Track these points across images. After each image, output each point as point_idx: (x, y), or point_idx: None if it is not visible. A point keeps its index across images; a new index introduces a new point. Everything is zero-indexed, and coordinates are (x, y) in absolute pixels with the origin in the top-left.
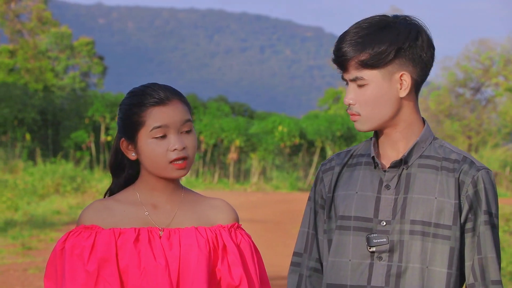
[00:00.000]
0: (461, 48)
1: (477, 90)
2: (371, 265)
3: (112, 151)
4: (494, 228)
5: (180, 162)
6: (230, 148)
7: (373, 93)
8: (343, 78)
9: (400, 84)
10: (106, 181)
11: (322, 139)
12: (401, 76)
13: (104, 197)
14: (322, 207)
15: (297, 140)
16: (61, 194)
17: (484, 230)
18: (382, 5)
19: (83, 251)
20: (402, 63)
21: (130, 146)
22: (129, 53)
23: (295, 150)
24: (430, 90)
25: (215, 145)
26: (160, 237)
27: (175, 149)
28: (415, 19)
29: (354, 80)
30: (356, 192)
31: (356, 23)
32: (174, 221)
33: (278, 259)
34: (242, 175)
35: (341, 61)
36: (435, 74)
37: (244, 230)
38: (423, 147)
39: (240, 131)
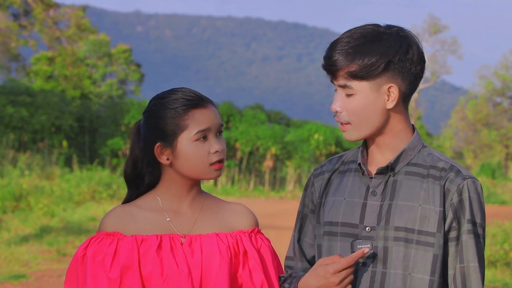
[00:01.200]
0: (499, 57)
1: None
2: (356, 271)
3: (129, 161)
4: (477, 237)
5: (217, 163)
6: (266, 155)
7: (360, 103)
8: (332, 82)
9: (388, 95)
10: None
11: (358, 146)
12: (389, 88)
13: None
14: (312, 212)
15: (333, 148)
16: (97, 201)
17: (467, 239)
18: (419, 13)
19: (105, 257)
20: (391, 75)
21: (165, 150)
22: (166, 61)
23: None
24: (468, 99)
25: (250, 153)
26: (182, 244)
27: (216, 151)
28: (407, 31)
29: (342, 87)
30: (344, 198)
31: (348, 32)
32: (195, 227)
33: None
34: (278, 183)
35: (330, 69)
36: (472, 83)
37: (263, 234)
38: (410, 155)
39: (276, 139)
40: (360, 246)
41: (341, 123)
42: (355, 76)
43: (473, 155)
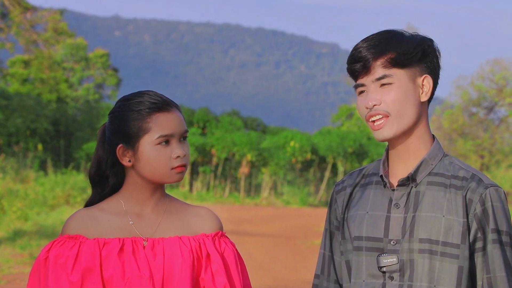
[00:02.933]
0: (475, 67)
1: (490, 109)
2: (383, 285)
3: (94, 162)
4: (503, 246)
5: (180, 167)
6: (242, 162)
7: (399, 92)
8: (356, 85)
9: (421, 88)
10: None
11: (333, 155)
12: (423, 79)
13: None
14: (337, 228)
15: (308, 156)
16: (71, 205)
17: (492, 248)
18: (398, 22)
19: (67, 260)
20: (424, 67)
21: (127, 152)
22: (144, 66)
23: (306, 165)
24: (444, 108)
25: (226, 159)
26: (144, 247)
27: (177, 157)
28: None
29: (380, 78)
30: (367, 212)
31: (369, 36)
32: (158, 231)
33: (286, 273)
34: (253, 189)
35: (363, 63)
36: (449, 93)
37: (228, 238)
38: (431, 164)
39: (252, 146)
40: (385, 260)
41: (376, 120)
42: (395, 63)
43: None
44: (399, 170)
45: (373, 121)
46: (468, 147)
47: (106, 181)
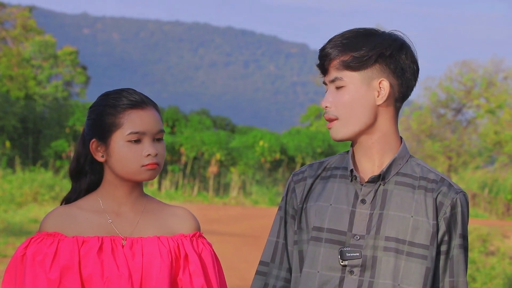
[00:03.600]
0: (444, 69)
1: (458, 111)
2: (341, 279)
3: (74, 157)
4: (466, 251)
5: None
6: (211, 161)
7: (350, 95)
8: (324, 83)
9: (378, 91)
10: None
11: (302, 155)
12: (380, 82)
13: (61, 204)
14: (293, 218)
15: (277, 156)
16: (39, 202)
17: (458, 253)
18: (367, 23)
19: (45, 258)
20: (382, 70)
21: (100, 148)
22: (113, 64)
23: (275, 165)
24: (412, 109)
25: (195, 158)
26: (123, 246)
27: (148, 155)
28: (402, 34)
29: (333, 81)
30: (331, 204)
31: (344, 31)
32: (137, 230)
33: (253, 273)
34: (222, 188)
35: (323, 62)
36: (417, 94)
37: (205, 238)
38: (400, 164)
39: (221, 145)
40: (349, 254)
41: (330, 120)
42: (347, 66)
43: None
44: (365, 167)
45: (328, 118)
46: (436, 148)
47: (85, 177)
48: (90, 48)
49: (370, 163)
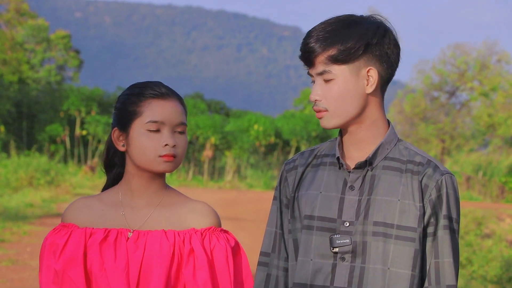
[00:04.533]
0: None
1: (452, 94)
2: (334, 266)
3: (105, 148)
4: (453, 233)
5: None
6: (205, 145)
7: (340, 88)
8: (309, 74)
9: (367, 80)
10: (80, 175)
11: (297, 138)
12: (368, 71)
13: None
14: (286, 207)
15: (272, 139)
16: (35, 187)
17: (442, 234)
18: (360, 6)
19: (56, 249)
20: (369, 58)
21: (121, 137)
22: (105, 48)
23: (270, 149)
24: (406, 92)
25: (190, 142)
26: (127, 239)
27: (166, 145)
28: (380, 18)
29: (321, 74)
30: (320, 192)
31: (323, 21)
32: (147, 223)
33: (252, 257)
34: (217, 172)
35: (308, 56)
36: (410, 78)
37: (224, 233)
38: (387, 149)
39: (216, 129)
40: (339, 241)
41: (320, 111)
42: (335, 60)
43: None
44: (353, 153)
45: (316, 111)
46: (430, 131)
47: (113, 169)
48: (82, 32)
49: (358, 150)
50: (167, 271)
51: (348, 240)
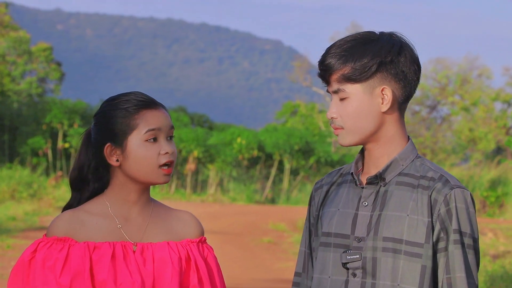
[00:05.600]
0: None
1: (433, 108)
2: (346, 282)
3: (75, 166)
4: (465, 247)
5: (166, 168)
6: (188, 158)
7: (353, 106)
8: (327, 91)
9: (382, 98)
10: (63, 188)
11: (280, 152)
12: (382, 90)
13: (62, 212)
14: (313, 226)
15: (255, 153)
16: (17, 200)
17: (453, 249)
18: (342, 20)
19: (56, 263)
20: (384, 77)
21: (115, 151)
22: (87, 60)
23: (253, 162)
24: None
25: None
26: (134, 252)
27: (166, 153)
28: (400, 35)
29: (336, 92)
30: (338, 209)
31: (342, 38)
32: (146, 235)
33: (236, 271)
34: (200, 186)
35: (324, 74)
36: None
37: (207, 243)
38: (402, 165)
39: (199, 142)
40: (349, 257)
41: (336, 128)
42: (348, 79)
43: None
44: (370, 170)
45: (335, 128)
46: None
47: (87, 185)
48: (63, 44)
49: (375, 167)
50: (179, 283)
51: (358, 256)
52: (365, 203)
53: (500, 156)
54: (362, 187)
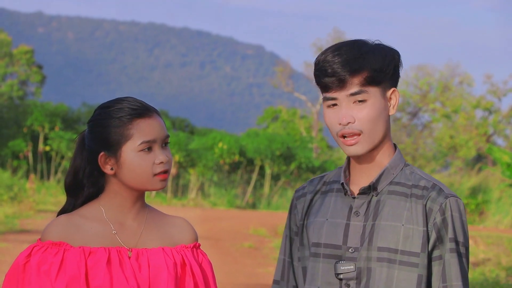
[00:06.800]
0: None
1: (414, 115)
2: None
3: (70, 171)
4: (460, 256)
5: (162, 174)
6: None
7: (372, 109)
8: (328, 98)
9: (389, 100)
10: (43, 191)
11: (261, 157)
12: (392, 92)
13: (57, 217)
14: (296, 234)
15: (236, 158)
16: None
17: (449, 257)
18: (324, 26)
19: (51, 267)
20: (393, 80)
21: (109, 160)
22: (68, 63)
23: (234, 167)
24: None
25: None
26: (129, 257)
27: (161, 162)
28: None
29: (355, 94)
30: (327, 219)
31: (343, 43)
32: (141, 241)
33: (217, 277)
34: (180, 190)
35: (340, 77)
36: None
37: (201, 249)
38: (393, 174)
39: (180, 146)
40: (343, 268)
41: (349, 137)
42: (371, 81)
43: None
44: (360, 179)
45: (344, 137)
46: None
47: (82, 190)
48: (44, 47)
49: (366, 176)
50: None
51: (352, 267)
52: (357, 213)
53: (480, 163)
54: (353, 197)
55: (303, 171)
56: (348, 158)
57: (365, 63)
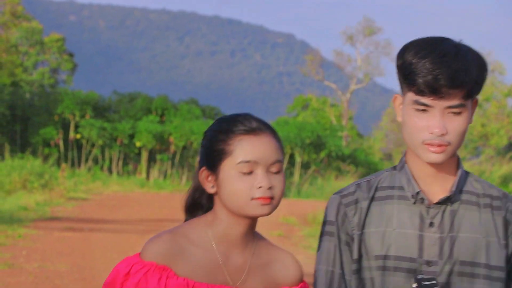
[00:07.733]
0: None
1: None
2: None
3: (191, 188)
4: None
5: (263, 198)
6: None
7: (465, 122)
8: (420, 103)
9: (472, 109)
10: (73, 179)
11: (291, 145)
12: (475, 102)
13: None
14: (347, 244)
15: None
16: (29, 190)
17: None
18: (354, 15)
19: None
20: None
21: (210, 177)
22: (99, 52)
23: None
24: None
25: (184, 147)
26: None
27: (260, 187)
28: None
29: (453, 107)
30: (394, 229)
31: (443, 47)
32: (245, 279)
33: None
34: None
35: (441, 89)
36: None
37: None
38: (461, 182)
39: None
40: (426, 283)
41: (442, 145)
42: (471, 94)
43: None
44: (433, 188)
45: (429, 144)
46: None
47: (201, 211)
48: (76, 35)
49: (440, 185)
50: None
51: (435, 282)
52: (432, 224)
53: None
54: (428, 207)
55: (333, 159)
56: (403, 163)
57: (470, 77)
